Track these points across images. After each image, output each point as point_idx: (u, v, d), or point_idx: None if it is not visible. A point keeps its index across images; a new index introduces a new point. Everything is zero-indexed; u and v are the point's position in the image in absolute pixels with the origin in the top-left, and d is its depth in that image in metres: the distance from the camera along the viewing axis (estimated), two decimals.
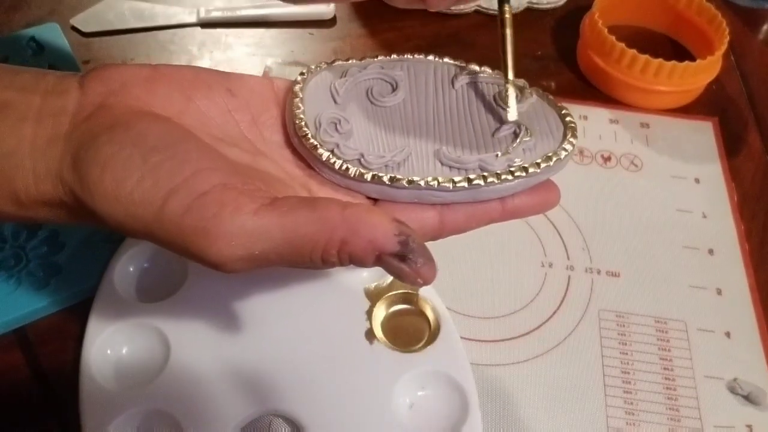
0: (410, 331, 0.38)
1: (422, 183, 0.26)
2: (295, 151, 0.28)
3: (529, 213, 0.28)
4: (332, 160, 0.27)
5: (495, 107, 0.29)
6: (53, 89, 0.26)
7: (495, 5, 0.31)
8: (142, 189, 0.23)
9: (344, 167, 0.27)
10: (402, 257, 0.23)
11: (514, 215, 0.28)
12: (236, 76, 0.29)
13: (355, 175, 0.27)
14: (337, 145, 0.27)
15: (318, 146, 0.27)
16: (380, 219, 0.23)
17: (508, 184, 0.27)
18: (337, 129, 0.28)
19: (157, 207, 0.23)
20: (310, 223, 0.23)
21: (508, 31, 0.29)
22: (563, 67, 0.54)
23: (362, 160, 0.27)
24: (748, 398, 0.39)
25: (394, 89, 0.30)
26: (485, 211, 0.27)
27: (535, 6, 0.57)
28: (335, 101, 0.29)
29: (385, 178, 0.27)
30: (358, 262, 0.23)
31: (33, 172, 0.24)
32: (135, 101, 0.26)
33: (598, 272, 0.43)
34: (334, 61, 0.31)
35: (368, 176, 0.27)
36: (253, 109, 0.28)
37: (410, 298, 0.39)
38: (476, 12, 0.56)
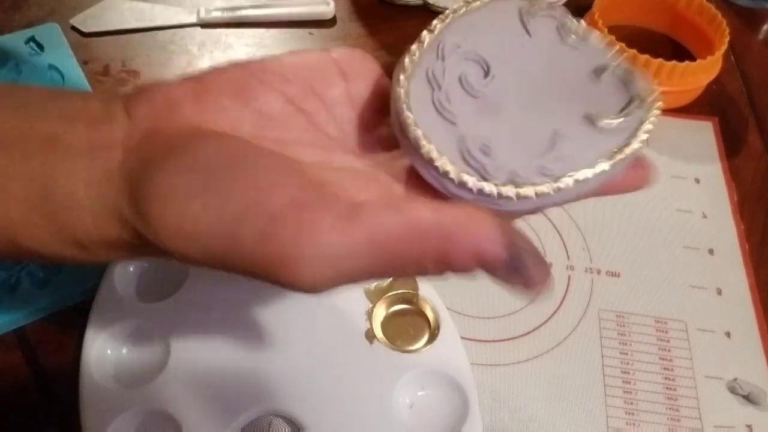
0: (410, 331, 0.38)
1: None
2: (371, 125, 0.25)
3: (624, 191, 0.25)
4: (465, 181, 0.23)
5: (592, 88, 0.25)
6: (99, 117, 0.23)
7: None
8: (207, 220, 0.21)
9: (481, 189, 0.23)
10: (512, 266, 0.20)
11: (608, 193, 0.25)
12: (288, 58, 0.25)
13: (476, 191, 0.23)
14: (485, 168, 0.23)
15: (457, 174, 0.23)
16: (481, 223, 0.20)
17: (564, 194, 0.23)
18: (475, 154, 0.23)
19: (228, 237, 0.20)
20: (399, 233, 0.20)
21: None
22: None
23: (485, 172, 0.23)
24: (748, 398, 0.39)
25: (487, 73, 0.25)
26: None
27: None
28: (442, 112, 0.24)
29: (511, 193, 0.23)
30: (460, 272, 0.21)
31: (91, 213, 0.22)
32: (185, 120, 0.23)
33: (598, 272, 0.43)
34: (424, 36, 0.25)
35: (494, 192, 0.23)
36: (318, 89, 0.25)
37: (410, 298, 0.39)
38: None
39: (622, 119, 0.24)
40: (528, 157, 0.23)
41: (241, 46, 0.54)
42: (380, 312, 0.38)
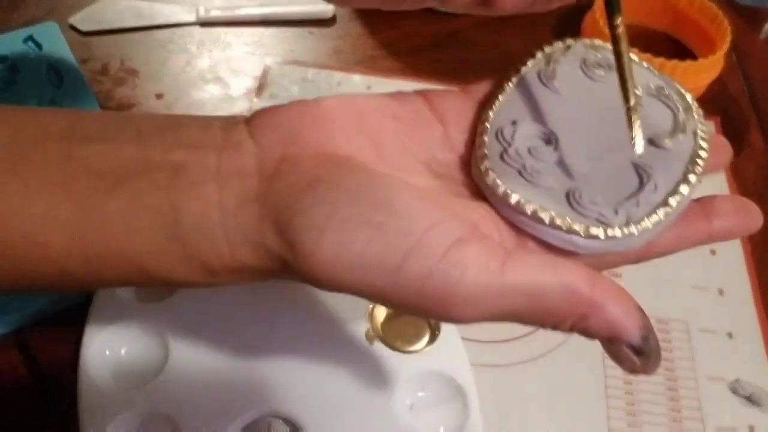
0: (410, 332, 0.38)
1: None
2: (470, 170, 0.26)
3: (734, 236, 0.26)
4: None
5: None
6: (224, 144, 0.23)
7: None
8: (371, 253, 0.21)
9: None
10: (638, 351, 0.22)
11: (721, 238, 0.26)
12: (393, 99, 0.26)
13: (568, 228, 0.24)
14: (602, 214, 0.24)
15: (585, 229, 0.24)
16: (629, 305, 0.22)
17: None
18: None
19: (392, 272, 0.21)
20: (557, 293, 0.21)
21: (624, 46, 0.25)
22: None
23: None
24: (750, 399, 0.38)
25: (548, 140, 0.26)
26: (693, 234, 0.26)
27: None
28: (537, 183, 0.25)
29: (635, 230, 0.24)
30: (587, 336, 0.22)
31: (227, 241, 0.22)
32: (315, 147, 0.24)
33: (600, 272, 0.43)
34: (482, 129, 0.27)
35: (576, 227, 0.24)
36: (419, 130, 0.26)
37: None
38: None
39: (681, 136, 0.26)
40: (631, 194, 0.25)
41: (241, 45, 0.53)
42: (380, 312, 0.38)
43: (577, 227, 0.23)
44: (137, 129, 0.23)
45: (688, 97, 0.27)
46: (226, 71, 0.52)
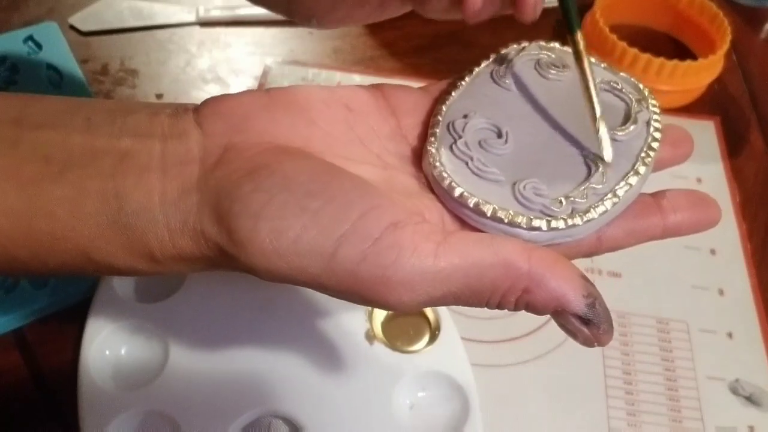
0: (410, 332, 0.38)
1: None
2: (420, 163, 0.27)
3: (690, 231, 0.26)
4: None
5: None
6: (170, 131, 0.24)
7: None
8: (306, 240, 0.21)
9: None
10: (585, 320, 0.22)
11: (676, 233, 0.26)
12: (346, 90, 0.27)
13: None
14: (546, 206, 0.24)
15: (528, 222, 0.24)
16: (570, 273, 0.22)
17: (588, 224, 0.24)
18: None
19: (326, 258, 0.21)
20: (493, 268, 0.21)
21: (586, 62, 0.26)
22: None
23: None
24: (750, 399, 0.38)
25: (499, 134, 0.26)
26: (646, 228, 0.26)
27: None
28: (483, 176, 0.25)
29: (579, 221, 0.24)
30: (534, 311, 0.22)
31: (167, 228, 0.22)
32: (261, 136, 0.24)
33: (600, 273, 0.43)
34: (439, 103, 0.27)
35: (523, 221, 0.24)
36: (372, 121, 0.27)
37: None
38: None
39: (632, 127, 0.26)
40: (577, 185, 0.25)
41: (241, 45, 0.53)
42: (380, 312, 0.38)
43: (519, 219, 0.24)
44: (87, 116, 0.24)
45: (644, 89, 0.28)
46: (226, 71, 0.52)
